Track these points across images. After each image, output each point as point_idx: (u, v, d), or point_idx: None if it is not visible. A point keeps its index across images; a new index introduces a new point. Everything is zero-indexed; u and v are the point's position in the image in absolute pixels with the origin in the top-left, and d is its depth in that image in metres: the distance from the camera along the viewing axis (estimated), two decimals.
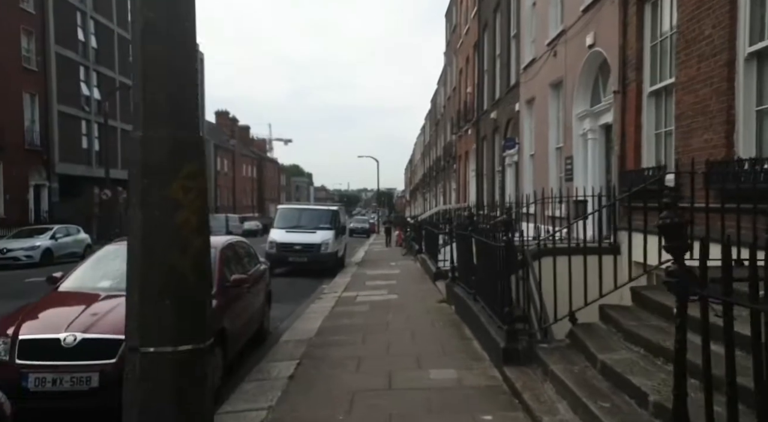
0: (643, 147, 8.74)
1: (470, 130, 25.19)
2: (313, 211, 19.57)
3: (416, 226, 24.97)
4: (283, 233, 17.65)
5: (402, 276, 15.47)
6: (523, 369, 5.02)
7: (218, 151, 63.77)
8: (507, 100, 18.18)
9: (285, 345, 7.24)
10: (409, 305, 10.14)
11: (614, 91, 9.52)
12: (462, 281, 8.70)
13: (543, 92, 14.06)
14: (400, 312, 9.32)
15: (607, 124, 10.73)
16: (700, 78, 6.78)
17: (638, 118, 8.73)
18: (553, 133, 13.64)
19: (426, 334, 7.56)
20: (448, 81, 35.91)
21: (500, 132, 19.22)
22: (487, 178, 21.98)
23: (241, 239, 7.97)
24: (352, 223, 51.21)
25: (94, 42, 38.72)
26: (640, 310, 5.02)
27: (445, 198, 36.70)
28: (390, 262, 20.62)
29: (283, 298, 12.46)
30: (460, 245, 8.71)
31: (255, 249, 8.43)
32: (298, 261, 17.11)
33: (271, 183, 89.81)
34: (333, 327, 8.24)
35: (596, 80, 11.32)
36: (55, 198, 34.72)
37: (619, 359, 4.15)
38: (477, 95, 23.60)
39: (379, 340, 7.24)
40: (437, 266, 13.14)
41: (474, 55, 24.48)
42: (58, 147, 34.49)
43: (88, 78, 38.10)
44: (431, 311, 9.38)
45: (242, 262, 7.40)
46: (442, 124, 39.47)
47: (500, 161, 19.20)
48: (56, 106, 34.22)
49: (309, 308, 10.54)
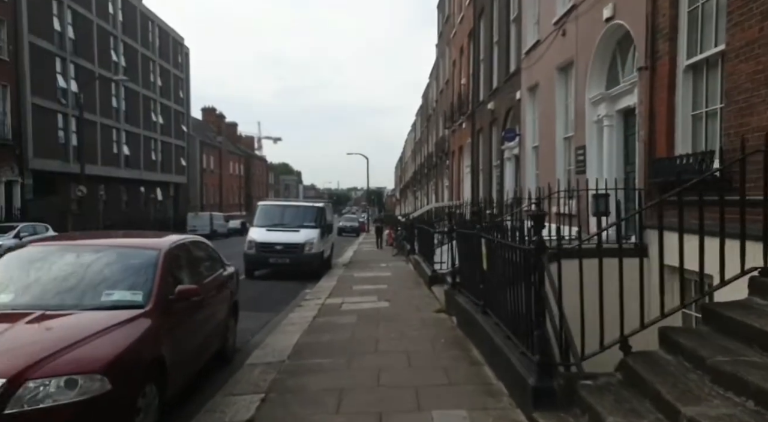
0: (677, 130, 7.44)
1: (465, 124, 23.89)
2: (297, 208, 18.01)
3: (408, 225, 23.64)
4: (263, 232, 16.16)
5: (393, 279, 14.12)
6: (561, 417, 3.69)
7: (204, 147, 62.07)
8: (506, 89, 16.88)
9: (251, 371, 5.87)
10: (402, 316, 8.79)
11: (640, 69, 8.21)
12: (466, 289, 7.37)
13: (548, 77, 12.76)
14: (392, 326, 7.96)
15: (626, 109, 9.45)
16: (763, 40, 5.47)
17: (671, 97, 7.43)
18: (560, 122, 12.34)
19: (425, 356, 6.21)
20: (440, 74, 34.59)
21: (498, 123, 17.92)
22: (483, 173, 20.67)
23: (199, 239, 6.55)
24: (341, 222, 49.88)
25: (72, 32, 36.97)
26: (720, 336, 3.69)
27: (438, 196, 35.39)
28: (380, 263, 19.27)
29: (259, 305, 11.07)
30: (463, 246, 7.37)
31: (218, 252, 7.01)
32: (279, 262, 15.64)
33: (259, 181, 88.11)
34: (312, 346, 6.88)
35: (613, 59, 10.03)
36: (29, 195, 32.97)
37: (716, 416, 2.81)
38: (472, 86, 22.29)
39: (367, 365, 5.89)
40: (433, 269, 11.78)
41: (469, 45, 23.19)
42: (32, 141, 32.77)
43: (65, 70, 36.32)
44: (429, 324, 8.03)
45: (198, 268, 6.01)
46: (434, 119, 38.15)
47: (498, 155, 17.90)
48: (30, 99, 32.48)
49: (287, 318, 9.16)
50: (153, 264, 4.89)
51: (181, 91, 56.38)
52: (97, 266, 4.85)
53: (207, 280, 6.05)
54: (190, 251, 5.95)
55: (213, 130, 71.25)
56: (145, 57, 47.74)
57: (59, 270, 4.80)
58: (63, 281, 4.68)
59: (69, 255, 5.02)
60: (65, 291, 4.56)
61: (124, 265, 4.89)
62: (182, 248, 5.66)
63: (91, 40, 39.11)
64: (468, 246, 7.19)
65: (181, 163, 55.35)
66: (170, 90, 53.00)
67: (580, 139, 10.94)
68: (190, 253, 5.92)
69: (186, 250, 5.78)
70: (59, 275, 4.75)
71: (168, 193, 52.34)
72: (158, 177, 49.75)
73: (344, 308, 9.73)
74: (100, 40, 40.12)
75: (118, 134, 43.13)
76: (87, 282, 4.67)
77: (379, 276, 14.85)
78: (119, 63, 42.76)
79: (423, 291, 11.62)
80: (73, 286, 4.61)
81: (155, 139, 49.52)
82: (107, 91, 41.15)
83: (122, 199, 44.08)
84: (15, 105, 31.50)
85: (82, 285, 4.63)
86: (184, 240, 5.86)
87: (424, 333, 7.38)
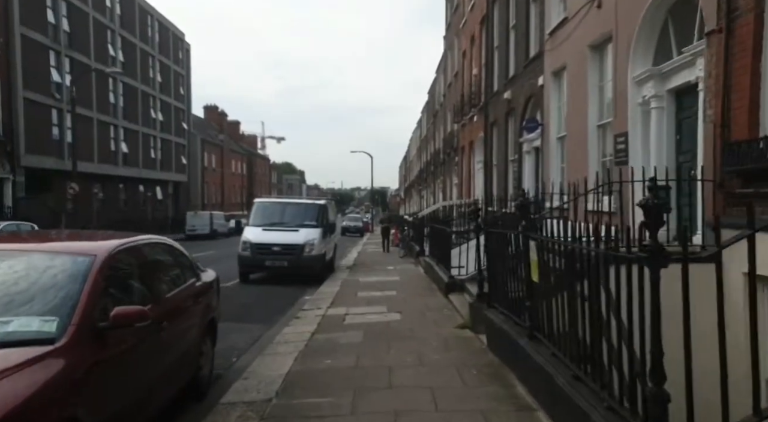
0: (763, 106, 5.98)
1: (476, 117, 22.43)
2: (297, 206, 16.38)
3: (416, 224, 22.20)
4: (259, 231, 14.63)
5: (403, 284, 12.67)
6: None
7: (205, 145, 60.68)
8: (525, 76, 15.43)
9: (226, 415, 4.43)
10: (418, 332, 7.33)
11: (708, 33, 6.75)
12: (500, 303, 5.92)
13: (579, 57, 11.30)
14: (406, 347, 6.51)
15: (682, 86, 8.02)
16: None
17: (756, 64, 5.97)
18: (593, 107, 10.88)
19: (455, 395, 4.74)
20: (448, 67, 33.11)
21: (516, 114, 16.47)
22: (497, 169, 19.22)
23: (162, 240, 5.09)
24: (345, 221, 48.47)
25: (66, 25, 35.60)
26: None
27: (445, 194, 33.89)
28: (387, 266, 17.81)
29: (251, 315, 9.67)
30: (497, 250, 5.93)
31: (188, 255, 5.55)
32: (276, 265, 14.14)
33: (262, 180, 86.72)
34: (307, 376, 5.44)
35: (664, 30, 8.59)
36: (21, 193, 31.62)
37: None
38: (485, 76, 20.84)
39: (378, 407, 4.45)
40: (450, 274, 10.28)
41: (481, 33, 21.75)
42: (25, 137, 31.41)
43: (60, 64, 34.96)
44: (452, 344, 6.58)
45: (157, 279, 4.58)
46: (442, 114, 36.67)
47: (516, 148, 16.43)
48: (22, 92, 31.14)
49: (281, 333, 7.72)
50: (80, 276, 3.46)
51: (182, 88, 54.99)
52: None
53: (170, 295, 4.62)
54: (146, 257, 4.51)
55: (215, 128, 69.89)
56: (144, 52, 46.38)
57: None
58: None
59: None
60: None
61: (37, 279, 3.46)
62: (132, 252, 4.22)
63: (87, 34, 37.76)
64: (502, 249, 5.75)
65: (181, 161, 53.98)
66: (170, 86, 51.63)
67: (620, 124, 9.49)
68: (145, 260, 4.48)
69: (138, 256, 4.34)
70: None
71: (168, 192, 50.94)
72: (158, 175, 48.36)
73: (348, 321, 8.30)
74: (96, 34, 38.76)
75: (115, 131, 41.76)
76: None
77: (386, 281, 13.40)
78: (117, 57, 41.40)
79: (439, 299, 10.16)
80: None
81: (155, 137, 48.15)
82: (104, 86, 39.78)
83: (120, 198, 42.72)
84: (6, 99, 30.15)
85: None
86: (136, 241, 4.40)
87: (448, 358, 5.91)
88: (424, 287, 12.05)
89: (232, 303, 10.94)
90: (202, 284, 5.56)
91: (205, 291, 5.58)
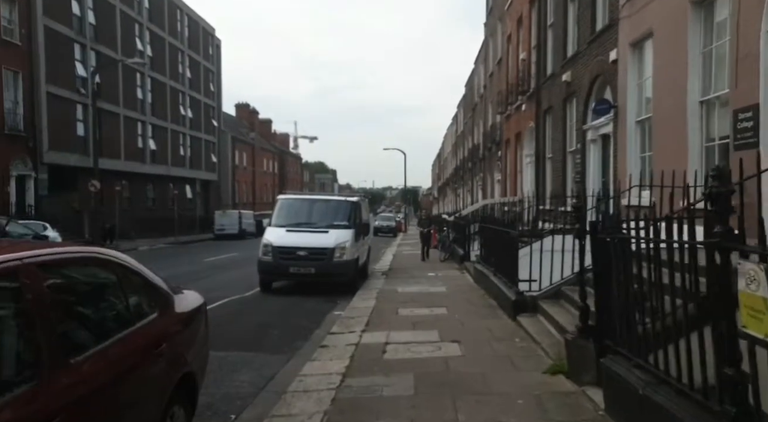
0: None
1: (525, 105, 20.18)
2: (326, 203, 14.15)
3: (459, 225, 20.04)
4: (282, 233, 12.54)
5: (453, 299, 10.53)
6: None
7: (236, 143, 59.43)
8: (590, 53, 13.19)
9: None
10: (492, 380, 5.21)
11: None
12: (630, 348, 3.79)
13: (674, 18, 9.06)
14: (483, 411, 4.39)
15: None
16: None
17: None
18: (694, 79, 8.63)
19: None
20: (489, 55, 30.81)
21: (578, 97, 14.22)
22: (552, 161, 16.94)
23: (102, 254, 3.04)
24: (377, 221, 46.49)
25: (92, 17, 34.46)
26: None
27: (485, 192, 31.59)
28: (428, 272, 15.70)
29: (266, 341, 7.72)
30: (627, 268, 3.81)
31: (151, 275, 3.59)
32: (302, 272, 12.07)
33: (294, 179, 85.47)
34: None
35: None
36: (43, 190, 30.49)
37: None
38: (537, 59, 18.59)
39: None
40: (517, 289, 8.06)
41: (530, 12, 19.51)
42: (48, 133, 30.27)
43: (85, 57, 33.79)
44: (549, 406, 4.44)
45: (74, 323, 2.62)
46: (481, 107, 34.35)
47: (578, 137, 14.18)
48: (44, 87, 30.02)
49: (300, 374, 5.73)
50: None
51: (212, 85, 53.76)
52: None
53: (99, 348, 2.66)
54: (60, 284, 2.55)
55: (246, 126, 68.74)
56: (173, 47, 45.17)
57: None
58: None
59: None
60: None
61: None
62: (28, 277, 2.26)
63: (114, 27, 36.61)
64: (633, 269, 3.64)
65: (211, 159, 52.77)
66: (200, 83, 50.42)
67: (743, 97, 7.23)
68: (58, 289, 2.52)
69: (37, 284, 2.38)
70: None
71: (197, 191, 49.72)
72: (187, 173, 47.13)
73: (390, 355, 6.26)
74: (123, 27, 37.61)
75: (143, 127, 40.58)
76: None
77: (432, 293, 11.29)
78: (145, 52, 40.19)
79: (505, 323, 7.96)
80: None
81: (184, 134, 46.96)
82: (131, 81, 38.62)
83: (148, 197, 41.53)
84: (28, 93, 29.03)
85: None
86: (44, 256, 2.45)
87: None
88: (480, 303, 9.88)
89: (247, 322, 9.05)
90: (170, 319, 3.58)
91: (174, 332, 3.60)
